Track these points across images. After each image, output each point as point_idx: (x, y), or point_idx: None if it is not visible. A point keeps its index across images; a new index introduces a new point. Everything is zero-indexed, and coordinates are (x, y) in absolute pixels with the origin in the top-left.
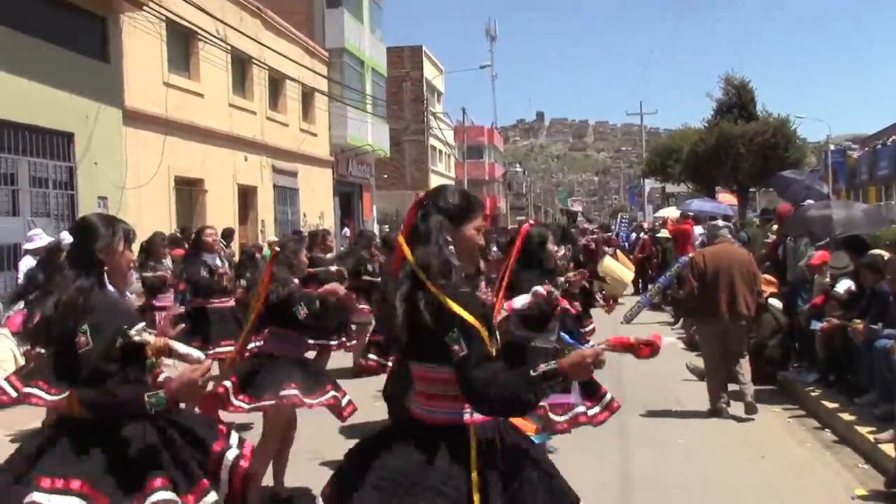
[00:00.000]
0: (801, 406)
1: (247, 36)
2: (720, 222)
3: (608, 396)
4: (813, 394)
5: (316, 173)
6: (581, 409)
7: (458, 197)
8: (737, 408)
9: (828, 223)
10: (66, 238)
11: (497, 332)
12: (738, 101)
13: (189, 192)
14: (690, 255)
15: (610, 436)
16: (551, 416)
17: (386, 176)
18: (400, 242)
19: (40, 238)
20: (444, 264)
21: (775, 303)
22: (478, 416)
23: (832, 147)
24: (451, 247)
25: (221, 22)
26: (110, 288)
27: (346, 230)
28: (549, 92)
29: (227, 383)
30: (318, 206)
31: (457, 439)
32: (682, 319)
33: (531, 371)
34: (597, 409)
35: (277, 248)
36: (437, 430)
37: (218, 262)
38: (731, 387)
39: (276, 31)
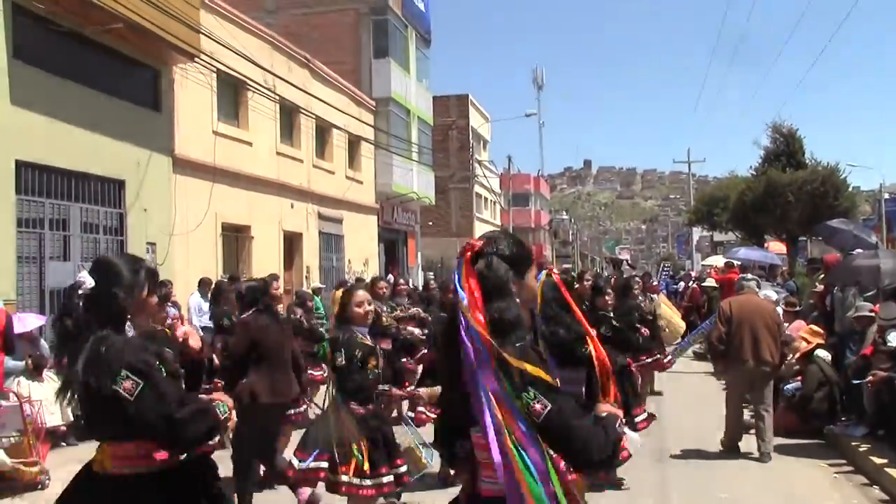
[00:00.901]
0: (848, 461)
1: (295, 86)
2: (749, 275)
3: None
4: (861, 449)
5: (361, 220)
6: None
7: (516, 245)
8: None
9: (875, 273)
10: (87, 280)
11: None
12: (786, 150)
13: (236, 238)
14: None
15: (651, 489)
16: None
17: (431, 223)
18: (460, 302)
19: (89, 282)
20: (518, 321)
21: (823, 354)
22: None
23: (886, 195)
24: (518, 300)
25: (270, 72)
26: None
27: (391, 276)
28: (597, 140)
29: None
30: (362, 252)
31: None
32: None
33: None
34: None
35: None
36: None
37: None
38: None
39: (324, 80)
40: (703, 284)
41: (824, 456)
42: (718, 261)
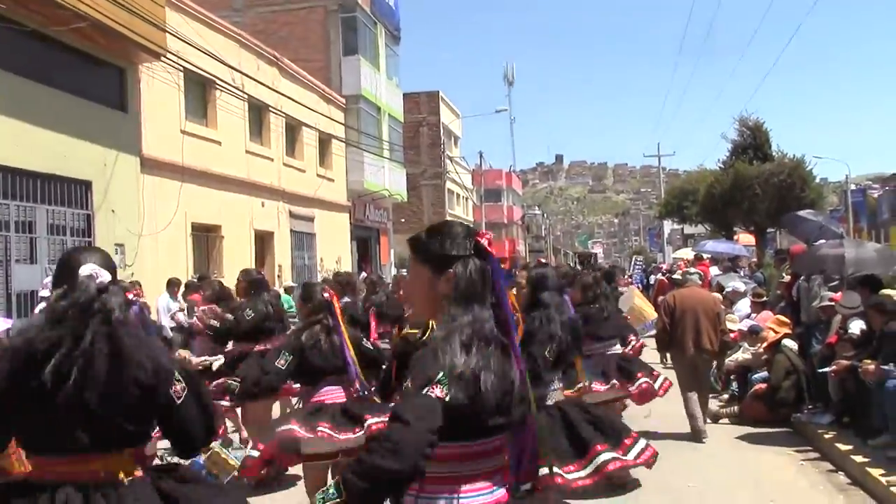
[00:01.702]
0: (814, 448)
1: (263, 84)
2: (692, 269)
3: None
4: (826, 436)
5: (333, 218)
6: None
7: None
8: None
9: (840, 262)
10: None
11: None
12: (753, 143)
13: (206, 238)
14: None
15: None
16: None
17: (403, 220)
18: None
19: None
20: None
21: (790, 344)
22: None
23: (853, 186)
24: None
25: (238, 71)
26: None
27: (364, 274)
28: (568, 135)
29: None
30: (335, 250)
31: None
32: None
33: None
34: (581, 473)
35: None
36: None
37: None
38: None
39: (293, 78)
40: (672, 277)
41: (791, 444)
42: (688, 253)
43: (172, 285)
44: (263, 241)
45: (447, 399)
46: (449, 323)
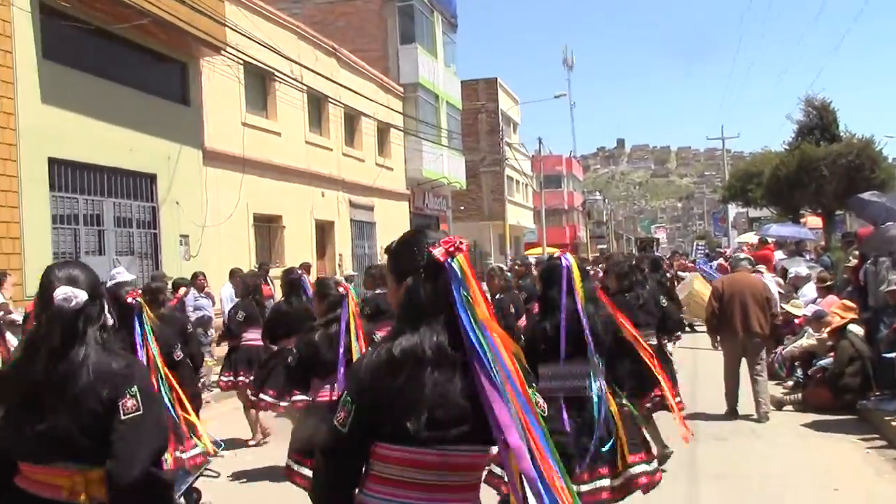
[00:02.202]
0: (881, 436)
1: (322, 75)
2: (741, 254)
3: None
4: (893, 423)
5: (392, 207)
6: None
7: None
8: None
9: None
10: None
11: None
12: (819, 123)
13: (268, 228)
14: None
15: (680, 467)
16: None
17: (463, 207)
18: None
19: (121, 276)
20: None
21: (856, 329)
22: None
23: None
24: None
25: (297, 63)
26: None
27: None
28: (630, 119)
29: None
30: (394, 239)
31: None
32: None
33: None
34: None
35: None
36: None
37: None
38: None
39: (351, 68)
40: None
41: (857, 431)
42: (752, 238)
43: (235, 276)
44: (324, 231)
45: (348, 421)
46: (384, 340)
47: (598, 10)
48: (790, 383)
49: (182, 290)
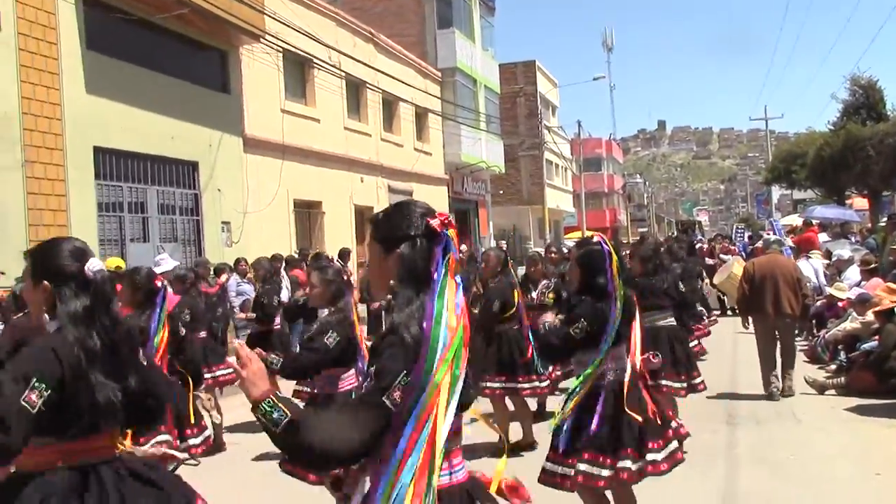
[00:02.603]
0: None
1: (360, 61)
2: (772, 236)
3: (673, 444)
4: None
5: (431, 192)
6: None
7: (385, 218)
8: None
9: None
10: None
11: None
12: (865, 102)
13: (308, 214)
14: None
15: (718, 451)
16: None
17: (502, 192)
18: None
19: (166, 262)
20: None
21: None
22: None
23: None
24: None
25: (335, 49)
26: None
27: (464, 247)
28: (671, 100)
29: None
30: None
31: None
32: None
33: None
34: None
35: None
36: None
37: None
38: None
39: (389, 54)
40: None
41: None
42: (796, 220)
43: (278, 260)
44: (363, 216)
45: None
46: (404, 307)
47: None
48: (833, 367)
49: (224, 276)
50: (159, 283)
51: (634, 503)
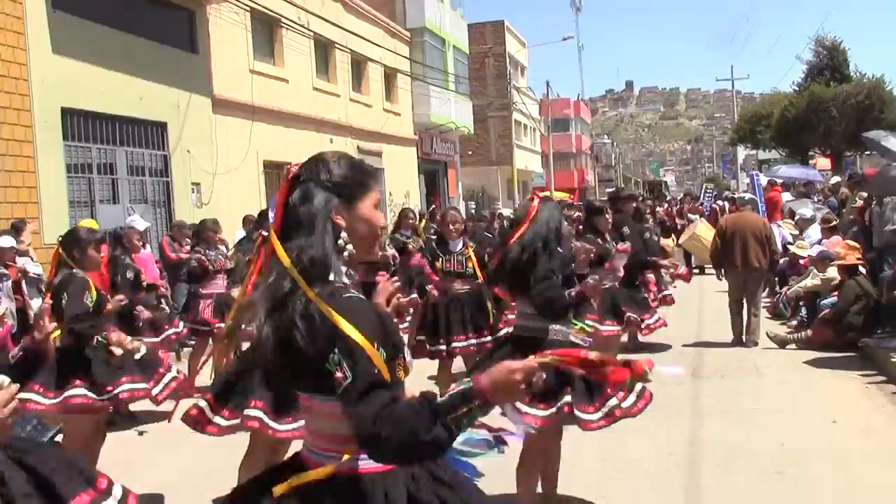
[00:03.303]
0: (881, 372)
1: (328, 21)
2: (746, 195)
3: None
4: (893, 359)
5: (400, 153)
6: (613, 401)
7: (347, 167)
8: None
9: None
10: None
11: (407, 350)
12: (829, 63)
13: (278, 175)
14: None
15: (683, 402)
16: (580, 415)
17: (471, 153)
18: (271, 236)
19: (137, 223)
20: (325, 261)
21: (860, 269)
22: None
23: None
24: (344, 234)
25: (303, 9)
26: None
27: (433, 207)
28: (639, 61)
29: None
30: (403, 185)
31: (346, 494)
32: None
33: (436, 399)
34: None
35: None
36: (323, 480)
37: None
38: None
39: (357, 13)
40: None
41: (859, 368)
42: (761, 179)
43: (248, 222)
44: None
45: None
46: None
47: None
48: (794, 323)
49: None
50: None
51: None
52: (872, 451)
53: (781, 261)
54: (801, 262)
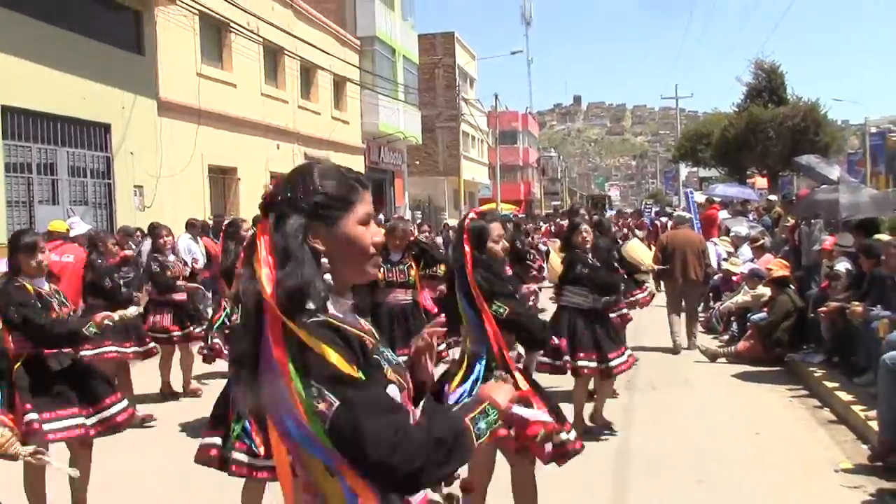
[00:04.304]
0: (805, 387)
1: (278, 27)
2: (685, 214)
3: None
4: (816, 374)
5: (348, 160)
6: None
7: (326, 182)
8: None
9: (834, 207)
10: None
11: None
12: (767, 86)
13: (223, 180)
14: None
15: (614, 414)
16: None
17: (418, 162)
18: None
19: (78, 226)
20: (303, 291)
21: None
22: None
23: (872, 129)
24: (325, 260)
25: (252, 14)
26: None
27: (381, 217)
28: (587, 76)
29: None
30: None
31: None
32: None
33: (452, 411)
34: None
35: None
36: None
37: None
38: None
39: (308, 20)
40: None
41: (784, 382)
42: (700, 197)
43: (191, 226)
44: None
45: None
46: None
47: None
48: (726, 337)
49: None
50: None
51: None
52: (792, 461)
53: (715, 277)
54: (734, 278)
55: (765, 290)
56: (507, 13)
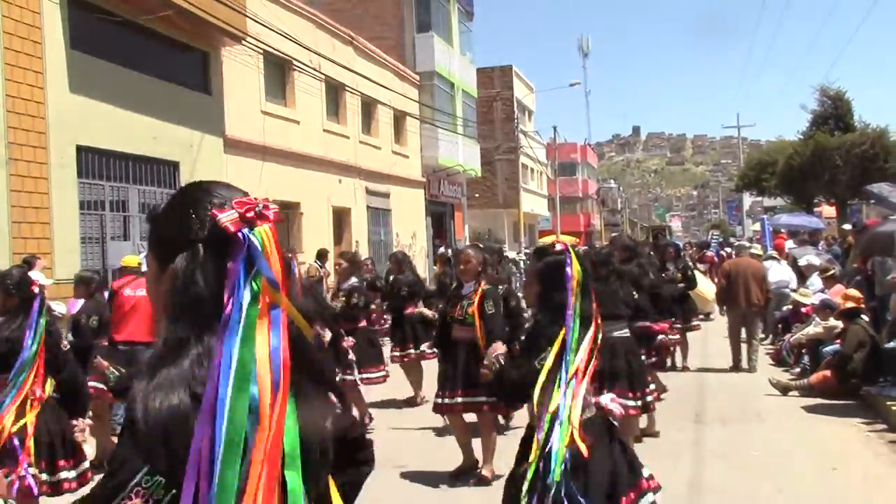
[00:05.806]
0: (882, 420)
1: (339, 64)
2: (745, 242)
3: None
4: (894, 408)
5: (408, 194)
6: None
7: (167, 213)
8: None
9: (890, 240)
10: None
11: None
12: (833, 112)
13: (286, 214)
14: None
15: (685, 447)
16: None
17: (478, 195)
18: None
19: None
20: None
21: (863, 316)
22: None
23: None
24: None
25: (315, 52)
26: None
27: (441, 249)
28: (646, 106)
29: None
30: (410, 226)
31: None
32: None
33: None
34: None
35: None
36: None
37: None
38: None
39: (368, 57)
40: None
41: (860, 415)
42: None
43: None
44: (341, 218)
45: None
46: (152, 355)
47: None
48: (797, 370)
49: None
50: (35, 289)
51: None
52: (871, 498)
53: (784, 308)
54: (804, 309)
55: (837, 323)
56: (565, 45)
